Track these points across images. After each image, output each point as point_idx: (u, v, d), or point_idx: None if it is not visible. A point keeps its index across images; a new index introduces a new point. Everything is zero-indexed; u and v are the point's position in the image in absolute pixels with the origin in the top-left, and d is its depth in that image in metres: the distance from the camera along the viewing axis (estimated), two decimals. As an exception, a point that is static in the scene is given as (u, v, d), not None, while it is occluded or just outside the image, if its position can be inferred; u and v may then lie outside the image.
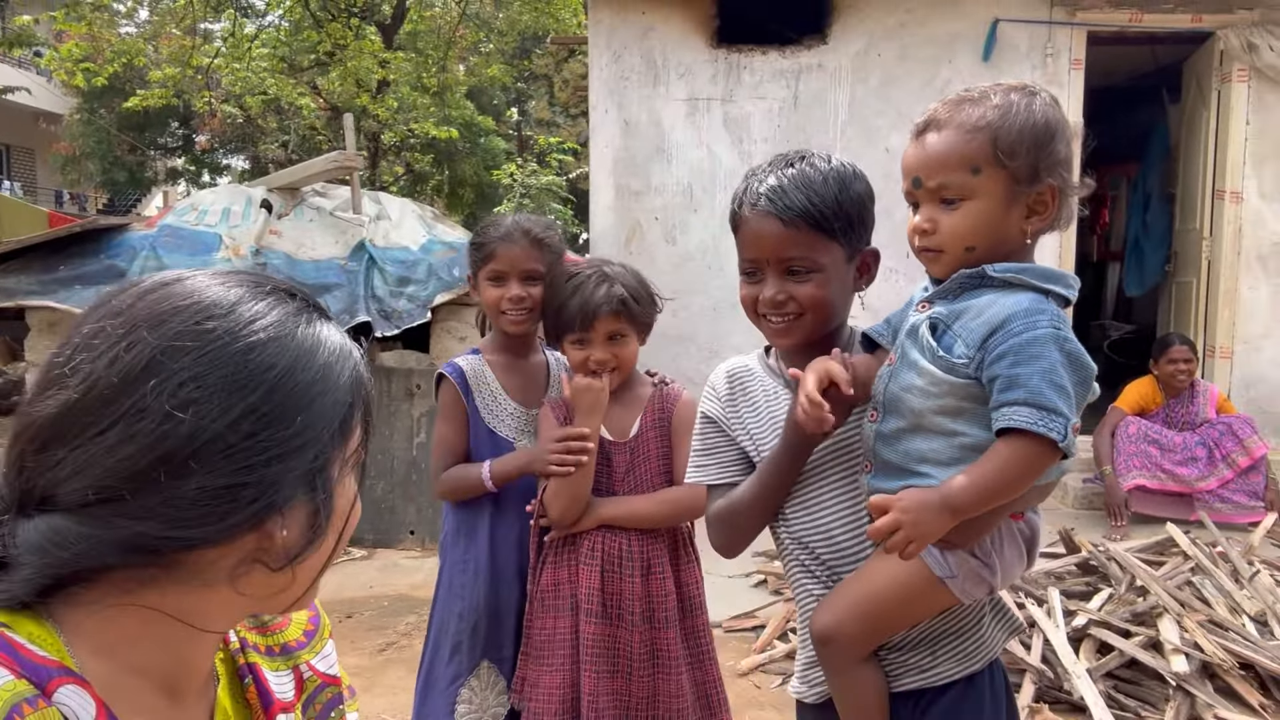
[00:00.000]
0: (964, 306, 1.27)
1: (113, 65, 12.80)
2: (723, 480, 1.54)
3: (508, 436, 2.15)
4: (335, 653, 0.97)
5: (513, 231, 2.14)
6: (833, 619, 1.39)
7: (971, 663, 1.42)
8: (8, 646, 0.67)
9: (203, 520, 0.70)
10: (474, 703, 2.10)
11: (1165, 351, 5.23)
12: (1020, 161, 1.25)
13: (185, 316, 0.72)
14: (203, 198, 5.82)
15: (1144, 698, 3.07)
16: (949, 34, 5.85)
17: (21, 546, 0.69)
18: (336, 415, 0.77)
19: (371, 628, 4.15)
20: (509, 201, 15.89)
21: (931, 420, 1.28)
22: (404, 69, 15.46)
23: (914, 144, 1.32)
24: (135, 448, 0.68)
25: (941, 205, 1.29)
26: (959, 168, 1.26)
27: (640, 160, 6.01)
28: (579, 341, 2.01)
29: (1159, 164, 7.23)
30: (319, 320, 0.79)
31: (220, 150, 21.53)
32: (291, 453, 0.73)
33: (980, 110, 1.27)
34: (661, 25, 5.95)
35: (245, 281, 0.78)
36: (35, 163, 24.44)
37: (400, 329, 5.14)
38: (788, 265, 1.42)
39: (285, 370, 0.73)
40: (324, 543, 0.78)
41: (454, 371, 2.16)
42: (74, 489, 0.69)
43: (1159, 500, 5.08)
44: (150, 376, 0.69)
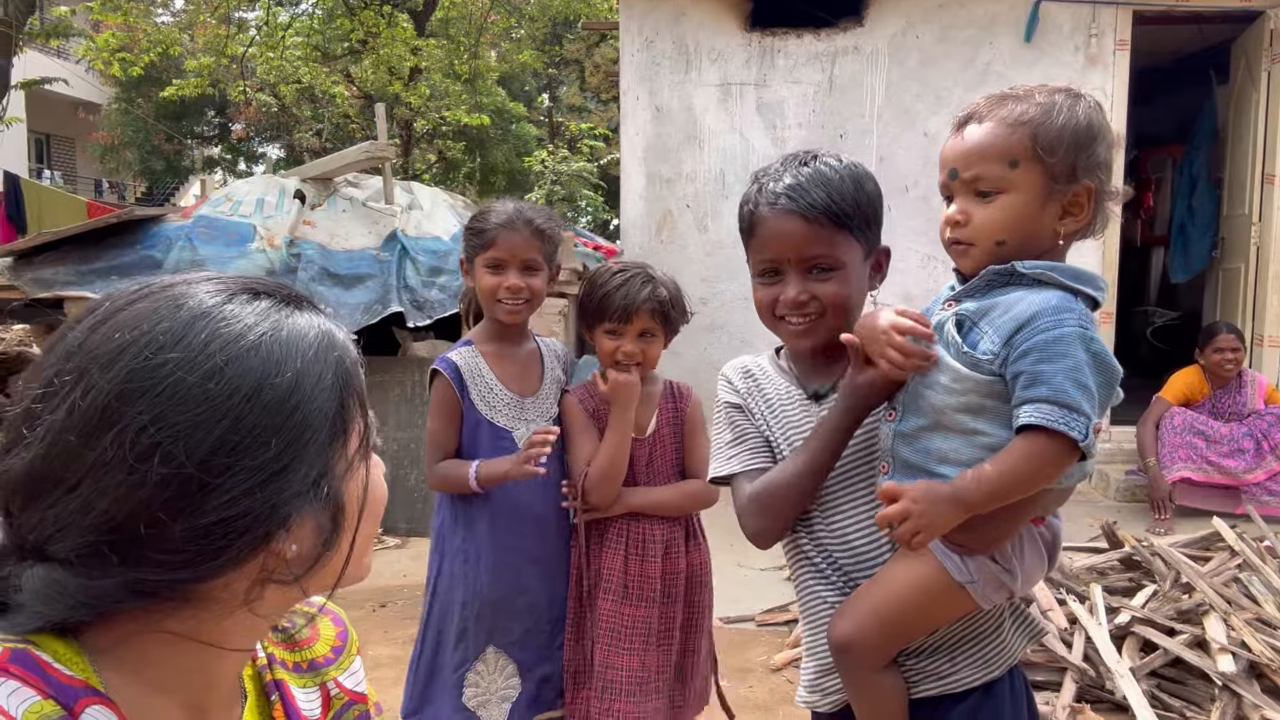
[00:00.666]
0: (992, 303, 1.26)
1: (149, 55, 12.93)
2: (754, 465, 1.50)
3: (505, 426, 2.15)
4: (363, 669, 0.95)
5: (515, 220, 2.12)
6: (852, 626, 1.37)
7: (991, 669, 1.39)
8: (35, 666, 0.67)
9: (196, 559, 0.67)
10: (481, 686, 2.13)
11: (1212, 340, 5.10)
12: (1059, 159, 1.24)
13: (135, 352, 0.67)
14: (237, 188, 5.86)
15: (1189, 698, 3.00)
16: (989, 14, 5.72)
17: (26, 593, 0.67)
18: (324, 419, 0.72)
19: (405, 617, 4.17)
20: (540, 188, 15.87)
21: (952, 418, 1.26)
22: (436, 56, 15.49)
23: (953, 137, 1.31)
24: (109, 501, 0.65)
25: (976, 198, 1.28)
26: (997, 160, 1.26)
27: (672, 147, 5.96)
28: (613, 332, 2.09)
29: (1205, 147, 7.04)
30: (291, 316, 0.74)
31: (256, 139, 21.75)
32: (278, 474, 0.69)
33: (1023, 106, 1.26)
34: (693, 9, 5.88)
35: (204, 292, 0.72)
36: (75, 152, 24.83)
37: (432, 319, 5.13)
38: (811, 264, 1.41)
39: (252, 391, 0.68)
40: (340, 542, 0.75)
41: (448, 367, 2.14)
42: (63, 545, 0.67)
43: (1205, 493, 4.96)
44: (109, 426, 0.65)
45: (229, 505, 0.67)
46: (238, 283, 0.74)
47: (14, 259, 5.12)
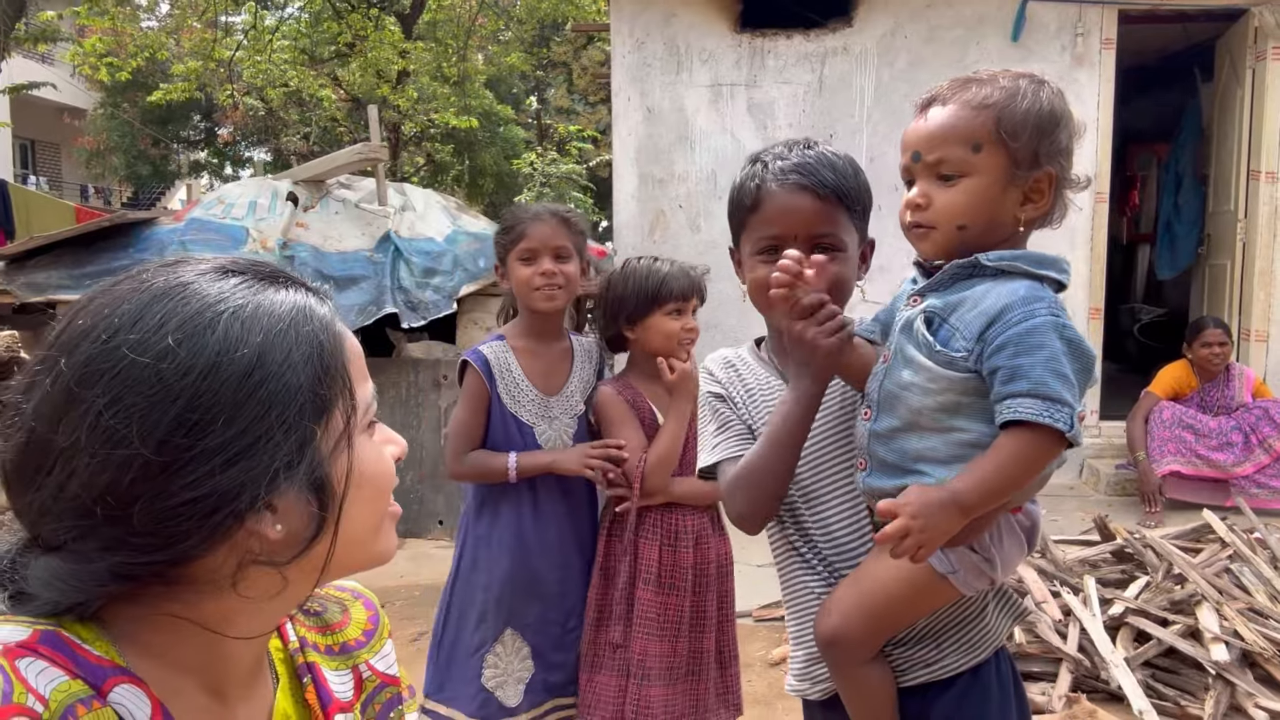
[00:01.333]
0: (959, 298, 1.24)
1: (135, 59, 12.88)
2: (737, 452, 1.49)
3: (529, 421, 2.21)
4: (394, 652, 0.95)
5: (541, 212, 2.24)
6: (837, 620, 1.37)
7: (977, 653, 1.40)
8: (64, 646, 0.67)
9: (166, 542, 0.67)
10: (499, 667, 2.19)
11: (1199, 334, 5.16)
12: (1022, 144, 1.23)
13: (94, 337, 0.67)
14: (229, 191, 5.85)
15: (1183, 687, 3.04)
16: (976, 14, 5.77)
17: (32, 580, 0.69)
18: (293, 395, 0.70)
19: (404, 617, 4.18)
20: (529, 190, 15.87)
21: (930, 418, 1.25)
22: (424, 59, 15.46)
23: (916, 119, 1.30)
24: (78, 485, 0.66)
25: (938, 181, 1.26)
26: (960, 142, 1.24)
27: (664, 148, 5.98)
28: (678, 311, 2.18)
29: (1191, 144, 7.11)
30: (265, 292, 0.72)
31: (242, 143, 21.64)
32: (242, 452, 0.67)
33: (988, 89, 1.25)
34: (684, 11, 5.90)
35: (172, 275, 0.72)
36: (60, 157, 24.68)
37: (426, 320, 5.14)
38: (817, 242, 1.40)
39: (206, 370, 0.67)
40: (329, 525, 0.74)
41: (478, 359, 2.21)
42: (49, 530, 0.68)
43: (1194, 486, 5.01)
44: (70, 410, 0.66)
45: (194, 486, 0.66)
46: (213, 262, 0.74)
47: (5, 263, 5.10)
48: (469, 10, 16.51)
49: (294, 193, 5.61)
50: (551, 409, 2.22)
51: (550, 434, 2.22)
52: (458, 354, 5.34)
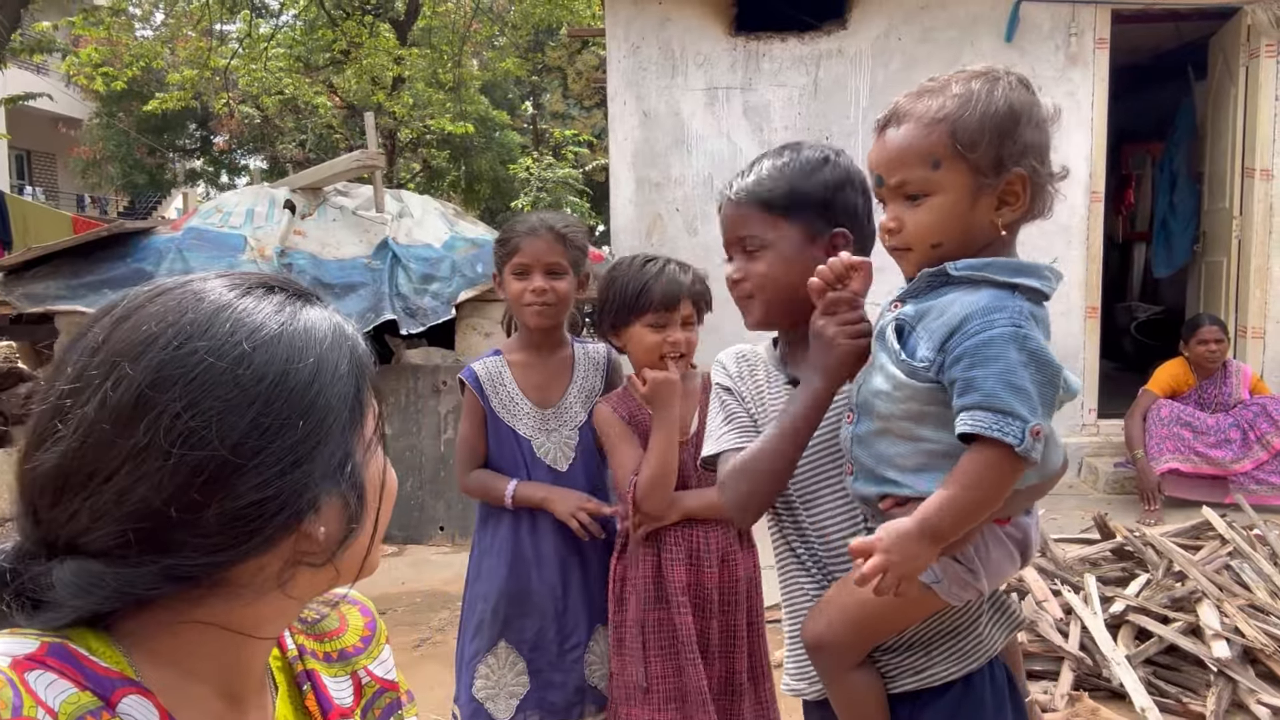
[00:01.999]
0: (928, 306, 1.23)
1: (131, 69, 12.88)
2: (740, 443, 1.50)
3: (526, 435, 2.20)
4: (393, 658, 0.96)
5: (537, 226, 2.19)
6: (823, 627, 1.38)
7: (969, 662, 1.39)
8: (70, 658, 0.67)
9: (231, 542, 0.69)
10: (491, 679, 2.17)
11: (1196, 332, 5.17)
12: (982, 152, 1.20)
13: (164, 342, 0.69)
14: (227, 199, 5.86)
15: (1185, 684, 3.04)
16: (970, 16, 5.79)
17: (58, 588, 0.68)
18: (344, 404, 0.75)
19: (405, 624, 4.18)
20: (525, 195, 15.88)
21: (897, 425, 1.25)
22: (419, 65, 15.47)
23: (876, 141, 1.28)
24: (145, 489, 0.67)
25: (905, 202, 1.25)
26: (918, 163, 1.22)
27: (660, 151, 5.99)
28: (657, 324, 2.04)
29: (1185, 142, 7.13)
30: (306, 308, 0.76)
31: (238, 151, 21.67)
32: (306, 456, 0.71)
33: (938, 101, 1.22)
34: (679, 15, 5.92)
35: (221, 286, 0.74)
36: (56, 167, 24.68)
37: (425, 326, 5.15)
38: (742, 244, 1.49)
39: (278, 377, 0.70)
40: (363, 527, 0.77)
41: (469, 376, 2.23)
42: (97, 535, 0.68)
43: (1193, 484, 5.02)
44: (143, 414, 0.67)
45: (262, 487, 0.69)
46: (251, 278, 0.77)
47: (4, 274, 5.11)
48: (463, 16, 16.54)
49: (291, 200, 5.62)
50: (549, 421, 2.21)
51: (549, 446, 2.20)
52: (457, 360, 5.34)
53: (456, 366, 5.27)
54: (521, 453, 2.20)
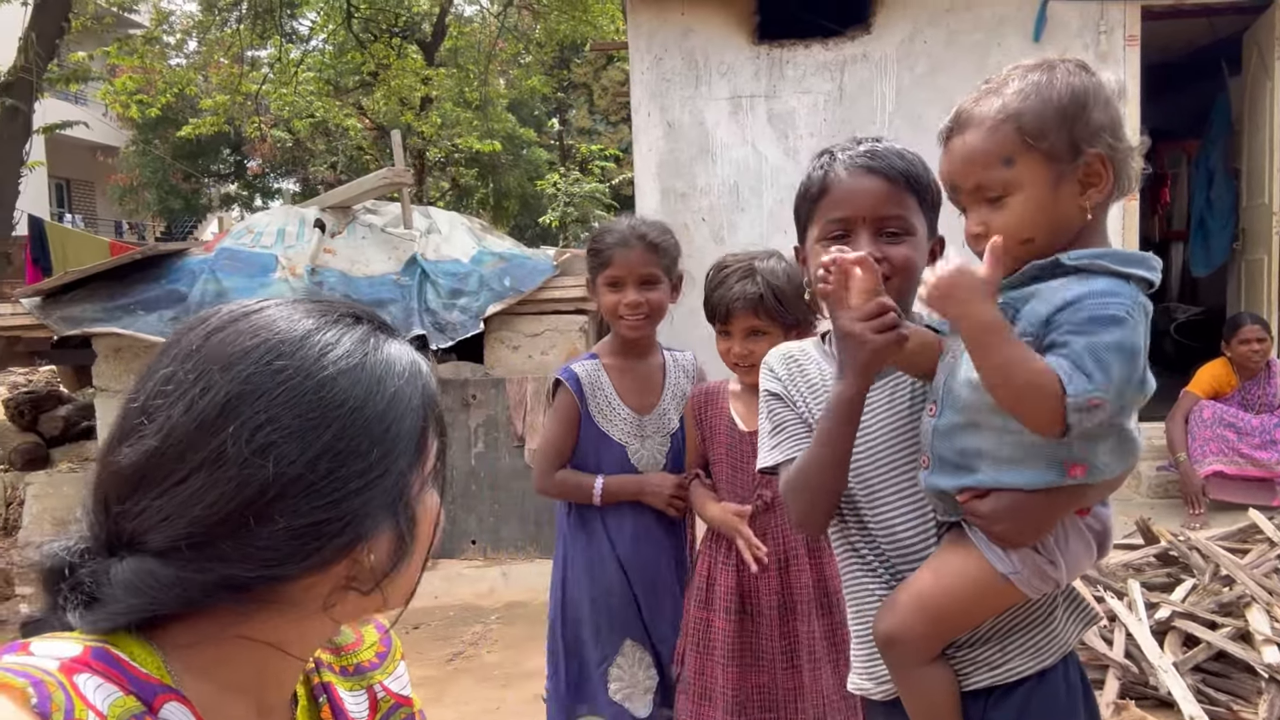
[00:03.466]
0: (1033, 290, 1.22)
1: (165, 96, 13.13)
2: (795, 453, 1.46)
3: (620, 440, 2.21)
4: (407, 674, 0.97)
5: (629, 237, 2.18)
6: (897, 620, 1.34)
7: (1044, 657, 1.36)
8: (116, 663, 0.68)
9: (292, 558, 0.71)
10: (624, 680, 2.19)
11: (1237, 331, 5.05)
12: (1053, 140, 1.19)
13: (256, 356, 0.72)
14: (258, 220, 5.93)
15: (1234, 691, 2.96)
16: (996, 16, 5.73)
17: (115, 585, 0.70)
18: (412, 438, 0.77)
19: (438, 638, 4.17)
20: (553, 211, 15.96)
21: (987, 417, 1.23)
22: (446, 85, 15.64)
23: (944, 152, 1.28)
24: (218, 494, 0.69)
25: (987, 205, 1.24)
26: (991, 164, 1.22)
27: (685, 162, 5.98)
28: (723, 333, 2.08)
29: (1221, 139, 7.00)
30: (387, 341, 0.79)
31: (271, 174, 22.00)
32: (371, 483, 0.73)
33: (999, 100, 1.22)
34: (701, 25, 5.92)
35: (312, 311, 0.77)
36: (95, 195, 25.19)
37: (454, 340, 5.17)
38: (884, 226, 1.40)
39: (358, 403, 0.73)
40: (412, 560, 0.79)
41: (570, 378, 2.22)
42: (163, 535, 0.70)
43: (1238, 486, 4.90)
44: (227, 422, 0.69)
45: (327, 508, 0.71)
46: (340, 307, 0.80)
47: (42, 298, 5.20)
48: (489, 35, 16.70)
49: (321, 219, 5.68)
50: (644, 428, 2.22)
51: (643, 453, 2.22)
52: (486, 373, 5.36)
53: (486, 380, 5.29)
54: (614, 458, 2.21)
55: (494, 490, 5.28)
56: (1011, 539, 1.25)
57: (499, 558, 5.25)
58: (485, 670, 3.85)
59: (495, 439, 5.28)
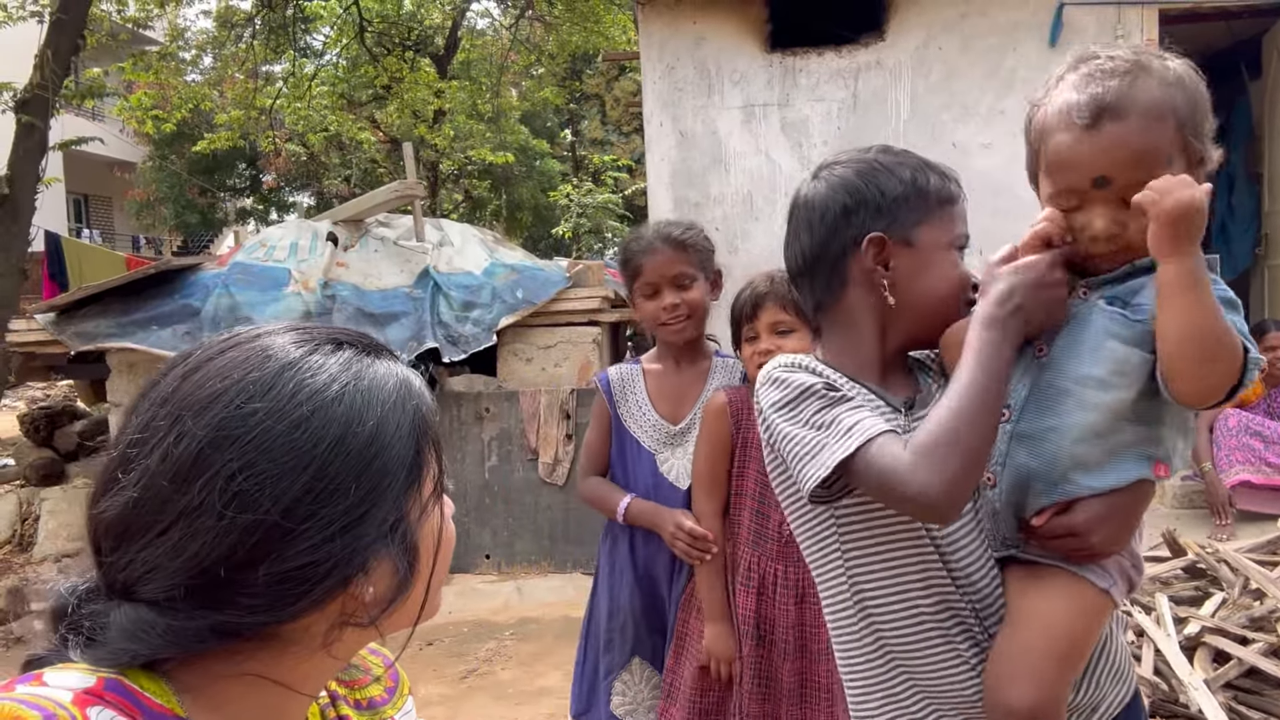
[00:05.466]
0: (1140, 283, 1.13)
1: (180, 111, 13.23)
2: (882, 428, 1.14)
3: (649, 447, 2.17)
4: (414, 710, 0.97)
5: (654, 241, 2.15)
6: (1032, 687, 1.12)
7: (1126, 679, 1.26)
8: (129, 694, 0.68)
9: (280, 603, 0.70)
10: (628, 695, 2.17)
11: (1262, 339, 4.96)
12: (1201, 142, 1.12)
13: (227, 400, 0.70)
14: (271, 234, 5.94)
15: (1268, 709, 2.88)
16: (1012, 22, 5.68)
17: (112, 630, 0.69)
18: (402, 466, 0.74)
19: (452, 654, 4.13)
20: (566, 221, 15.98)
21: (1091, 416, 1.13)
22: (459, 97, 15.69)
23: (1087, 135, 1.11)
24: (198, 545, 0.68)
25: (1124, 205, 1.11)
26: (1157, 164, 1.09)
27: (698, 171, 5.95)
28: (749, 337, 1.99)
29: (1242, 143, 6.91)
30: (372, 365, 0.76)
31: (286, 188, 22.12)
32: (358, 520, 0.71)
33: (1159, 91, 1.11)
34: (713, 34, 5.89)
35: (289, 343, 0.74)
36: (112, 210, 25.41)
37: (467, 353, 5.15)
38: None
39: (335, 441, 0.70)
40: (414, 588, 0.77)
41: (603, 380, 2.24)
42: (153, 586, 0.69)
43: (1265, 496, 4.80)
44: (200, 472, 0.68)
45: (311, 551, 0.69)
46: (322, 333, 0.77)
47: (57, 314, 5.21)
48: (501, 48, 16.76)
49: (334, 233, 5.68)
50: (675, 437, 2.15)
51: (674, 463, 2.15)
52: (499, 386, 5.33)
53: (499, 393, 5.26)
54: (643, 465, 2.16)
55: (508, 504, 5.24)
56: (1109, 546, 1.15)
57: (513, 572, 5.21)
58: (499, 687, 3.80)
59: (509, 452, 5.24)
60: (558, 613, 4.63)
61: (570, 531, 5.21)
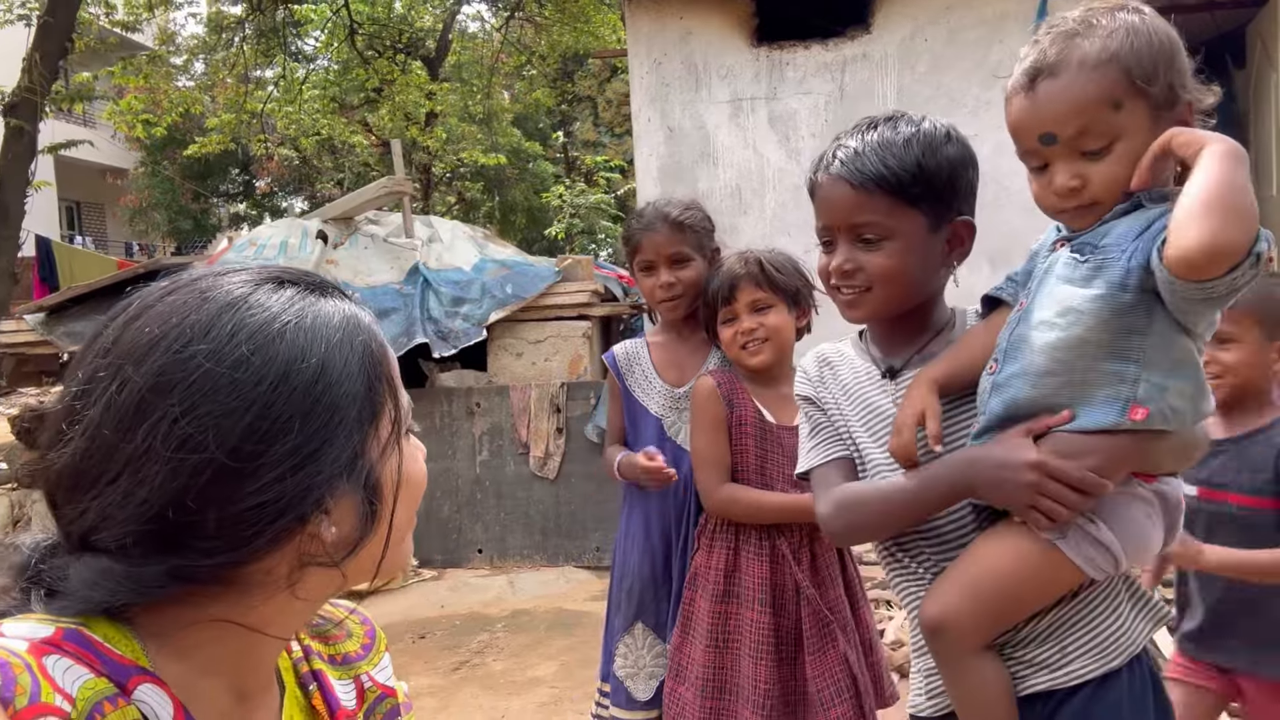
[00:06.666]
0: (1114, 223, 1.14)
1: (171, 115, 13.22)
2: (831, 456, 1.39)
3: (656, 413, 2.24)
4: (391, 665, 0.96)
5: (653, 220, 2.21)
6: (941, 605, 1.24)
7: (1109, 658, 1.24)
8: (88, 644, 0.67)
9: (233, 545, 0.69)
10: (629, 658, 2.21)
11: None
12: (1159, 84, 1.10)
13: (166, 345, 0.69)
14: (260, 233, 5.95)
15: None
16: (997, 13, 5.71)
17: (73, 582, 0.69)
18: (351, 402, 0.73)
19: (444, 647, 4.14)
20: (559, 222, 15.99)
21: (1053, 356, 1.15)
22: (450, 100, 15.71)
23: (1024, 97, 1.15)
24: (147, 492, 0.67)
25: (1082, 158, 1.13)
26: (1098, 109, 1.10)
27: (686, 165, 5.97)
28: (728, 319, 2.04)
29: (1227, 132, 6.92)
30: (320, 302, 0.75)
31: (279, 193, 22.12)
32: (309, 458, 0.70)
33: (1099, 41, 1.11)
34: (700, 28, 5.91)
35: (231, 284, 0.73)
36: (105, 217, 25.36)
37: (457, 349, 5.15)
38: (858, 233, 1.31)
39: (278, 379, 0.69)
40: (378, 527, 0.76)
41: (610, 357, 2.33)
42: (105, 534, 0.69)
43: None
44: (142, 419, 0.67)
45: (262, 491, 0.68)
46: (264, 273, 0.76)
47: (46, 314, 5.21)
48: (492, 50, 16.77)
49: (323, 231, 5.68)
50: (680, 400, 2.22)
51: (680, 425, 2.22)
52: (489, 381, 5.34)
53: (490, 388, 5.26)
54: (651, 430, 2.24)
55: (499, 499, 5.25)
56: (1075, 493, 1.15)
57: (505, 566, 5.22)
58: (491, 678, 3.81)
59: (500, 447, 5.25)
60: (550, 605, 4.64)
61: (562, 525, 5.22)
